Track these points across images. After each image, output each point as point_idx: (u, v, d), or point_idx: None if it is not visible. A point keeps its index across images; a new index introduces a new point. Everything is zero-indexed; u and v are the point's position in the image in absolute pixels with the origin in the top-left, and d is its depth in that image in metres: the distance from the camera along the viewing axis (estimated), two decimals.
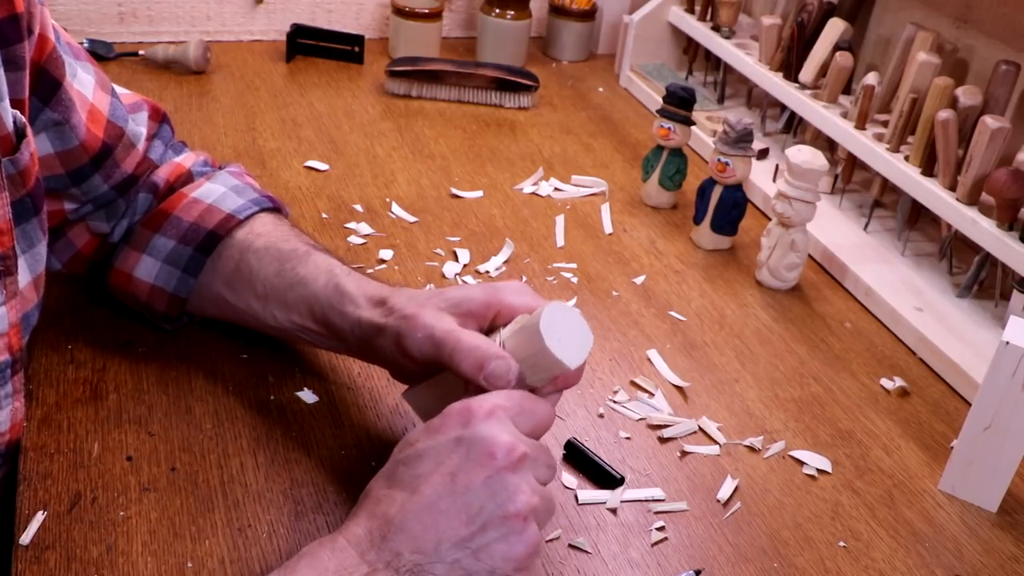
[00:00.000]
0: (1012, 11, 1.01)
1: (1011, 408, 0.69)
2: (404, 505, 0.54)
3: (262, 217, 0.77)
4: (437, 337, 0.61)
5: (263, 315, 0.73)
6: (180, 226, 0.76)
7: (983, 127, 0.88)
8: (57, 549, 0.60)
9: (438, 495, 0.54)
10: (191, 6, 1.40)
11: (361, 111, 1.26)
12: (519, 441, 0.56)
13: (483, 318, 0.64)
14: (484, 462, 0.54)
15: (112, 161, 0.74)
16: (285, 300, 0.71)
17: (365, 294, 0.68)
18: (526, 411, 0.58)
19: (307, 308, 0.70)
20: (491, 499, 0.53)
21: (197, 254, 0.75)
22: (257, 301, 0.73)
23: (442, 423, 0.57)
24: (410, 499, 0.54)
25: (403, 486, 0.55)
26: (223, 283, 0.75)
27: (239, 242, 0.75)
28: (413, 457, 0.56)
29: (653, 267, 0.99)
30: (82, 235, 0.77)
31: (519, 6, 1.44)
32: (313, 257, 0.73)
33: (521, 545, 0.53)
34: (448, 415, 0.57)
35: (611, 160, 1.21)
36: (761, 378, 0.85)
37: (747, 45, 1.28)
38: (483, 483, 0.54)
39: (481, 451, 0.54)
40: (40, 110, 0.67)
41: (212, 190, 0.78)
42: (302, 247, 0.74)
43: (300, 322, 0.71)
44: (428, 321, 0.62)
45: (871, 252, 1.03)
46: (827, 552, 0.68)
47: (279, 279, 0.72)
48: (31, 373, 0.73)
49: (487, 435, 0.55)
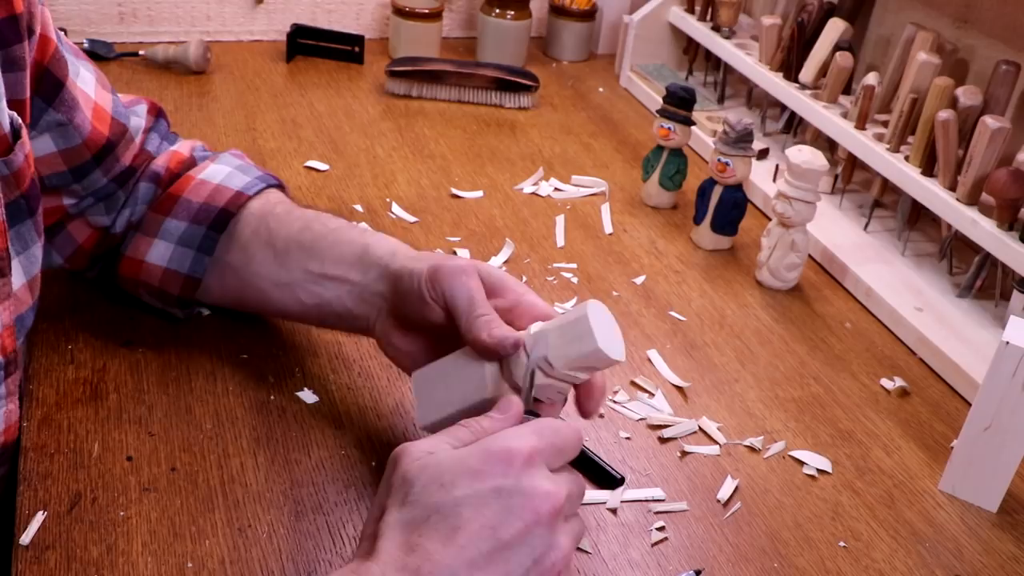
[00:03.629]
0: (1012, 11, 1.01)
1: (1011, 408, 0.69)
2: (440, 557, 0.50)
3: (271, 192, 0.79)
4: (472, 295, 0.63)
5: (274, 275, 0.74)
6: (191, 207, 0.76)
7: (983, 127, 0.88)
8: (57, 549, 0.60)
9: (478, 551, 0.50)
10: (191, 6, 1.40)
11: (361, 111, 1.26)
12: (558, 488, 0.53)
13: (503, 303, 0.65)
14: (526, 516, 0.51)
15: (113, 156, 0.75)
16: (310, 251, 0.73)
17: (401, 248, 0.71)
18: (558, 448, 0.56)
19: (336, 253, 0.72)
20: (530, 555, 0.51)
21: (211, 232, 0.76)
22: (273, 259, 0.74)
23: (480, 467, 0.53)
24: (446, 550, 0.50)
25: (438, 537, 0.51)
26: (237, 250, 0.76)
27: (256, 210, 0.77)
28: (449, 505, 0.52)
29: (653, 267, 0.99)
30: (82, 229, 0.78)
31: (519, 6, 1.43)
32: (336, 218, 0.75)
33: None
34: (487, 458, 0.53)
35: (611, 160, 1.21)
36: (761, 378, 0.85)
37: (747, 45, 1.28)
38: (524, 538, 0.51)
39: (523, 504, 0.52)
40: (43, 111, 0.67)
41: (218, 171, 0.79)
42: (324, 212, 0.76)
43: (319, 270, 0.72)
44: (472, 273, 0.64)
45: (871, 252, 1.03)
46: (827, 552, 0.68)
47: (305, 233, 0.74)
48: (31, 373, 0.73)
49: (528, 487, 0.52)
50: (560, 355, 0.59)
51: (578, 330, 0.59)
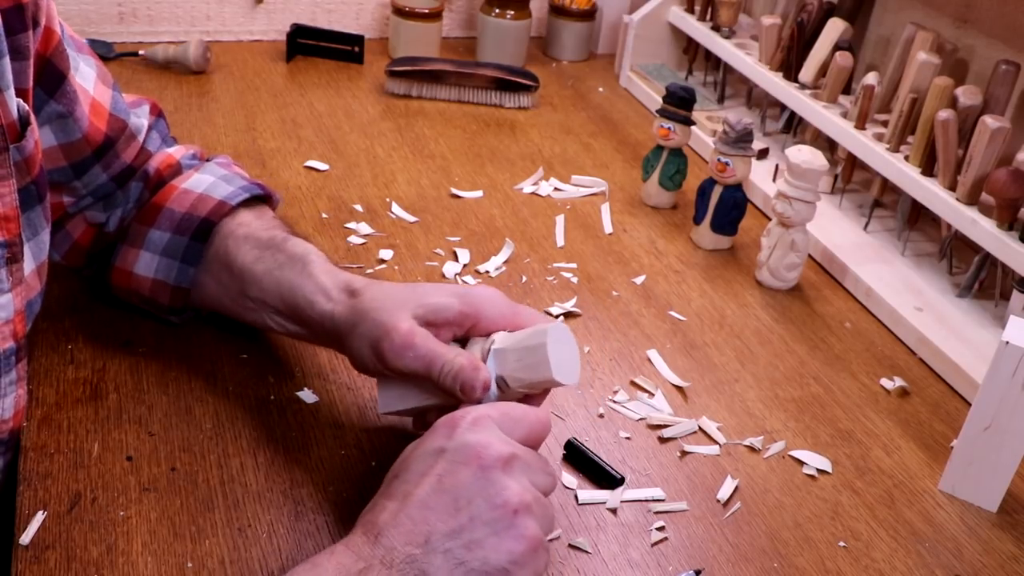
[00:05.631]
0: (1012, 11, 1.01)
1: (1011, 408, 0.69)
2: (395, 509, 0.55)
3: (246, 210, 0.78)
4: (428, 359, 0.63)
5: (239, 300, 0.74)
6: (173, 217, 0.76)
7: (983, 127, 0.88)
8: (57, 549, 0.60)
9: (426, 494, 0.54)
10: (191, 6, 1.40)
11: (361, 111, 1.26)
12: (507, 444, 0.56)
13: (459, 327, 0.66)
14: (470, 463, 0.55)
15: (113, 152, 0.75)
16: (260, 285, 0.72)
17: (337, 284, 0.69)
18: (514, 418, 0.59)
19: (279, 295, 0.71)
20: (479, 493, 0.54)
21: (193, 243, 0.76)
22: (234, 285, 0.74)
23: (428, 435, 0.58)
24: (401, 503, 0.55)
25: (393, 495, 0.56)
26: (203, 271, 0.76)
27: (222, 230, 0.76)
28: (403, 469, 0.57)
29: (653, 267, 0.99)
30: (79, 226, 0.78)
31: (519, 6, 1.43)
32: (290, 244, 0.73)
33: (512, 539, 0.53)
34: (435, 428, 0.58)
35: (611, 160, 1.21)
36: (761, 378, 0.85)
37: (747, 45, 1.28)
38: (471, 480, 0.54)
39: (466, 454, 0.55)
40: (45, 102, 0.68)
41: (201, 180, 0.79)
42: (280, 235, 0.75)
43: (273, 305, 0.72)
44: (417, 341, 0.63)
45: (871, 252, 1.03)
46: (827, 552, 0.68)
47: (257, 265, 0.73)
48: (31, 373, 0.73)
49: (472, 440, 0.56)
50: (516, 377, 0.63)
51: (536, 358, 0.62)
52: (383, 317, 0.64)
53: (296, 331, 0.73)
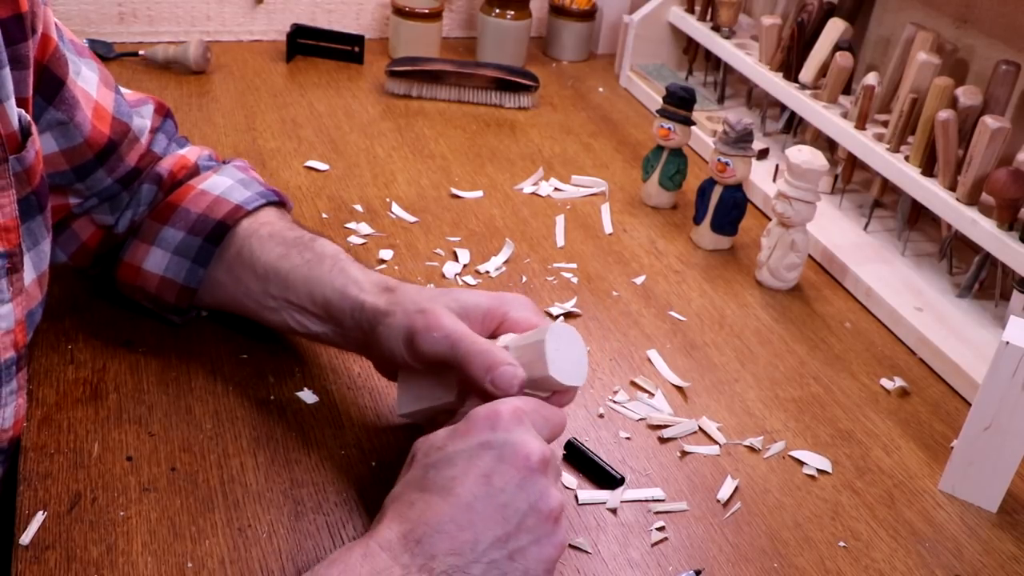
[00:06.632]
0: (1012, 11, 1.01)
1: (1011, 408, 0.69)
2: (439, 508, 0.53)
3: (268, 210, 0.78)
4: (454, 338, 0.62)
5: (261, 298, 0.74)
6: (189, 217, 0.76)
7: (983, 127, 0.88)
8: (57, 549, 0.60)
9: (474, 496, 0.53)
10: (191, 6, 1.40)
11: (361, 111, 1.26)
12: (544, 444, 0.56)
13: (486, 327, 0.65)
14: (517, 463, 0.54)
15: (116, 156, 0.75)
16: (286, 281, 0.72)
17: (371, 280, 0.70)
18: (544, 416, 0.59)
19: (307, 290, 0.71)
20: (525, 500, 0.54)
21: (207, 244, 0.76)
22: (257, 283, 0.74)
23: (469, 427, 0.57)
24: (444, 501, 0.53)
25: (436, 490, 0.54)
26: (224, 269, 0.76)
27: (243, 230, 0.76)
28: (443, 460, 0.55)
29: (653, 267, 0.99)
30: (87, 227, 0.78)
31: (519, 6, 1.43)
32: (319, 243, 0.74)
33: (551, 547, 0.54)
34: (474, 419, 0.57)
35: (611, 160, 1.21)
36: (761, 378, 0.85)
37: (747, 45, 1.28)
38: (519, 483, 0.54)
39: (513, 453, 0.54)
40: (44, 109, 0.68)
41: (219, 182, 0.78)
42: (307, 235, 0.75)
43: (298, 303, 0.72)
44: (445, 322, 0.62)
45: (871, 252, 1.03)
46: (827, 552, 0.68)
47: (283, 261, 0.73)
48: (31, 373, 0.73)
49: (518, 439, 0.55)
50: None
51: (534, 354, 0.61)
52: (417, 305, 0.65)
53: (317, 331, 0.72)
